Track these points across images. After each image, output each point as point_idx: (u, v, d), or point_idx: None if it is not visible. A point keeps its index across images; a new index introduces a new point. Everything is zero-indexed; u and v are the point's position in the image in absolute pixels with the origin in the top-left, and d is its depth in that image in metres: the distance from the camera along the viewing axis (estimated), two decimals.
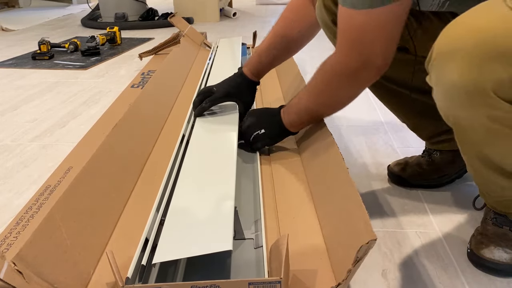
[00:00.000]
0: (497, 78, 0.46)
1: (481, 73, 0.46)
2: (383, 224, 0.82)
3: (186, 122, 1.06)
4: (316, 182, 0.78)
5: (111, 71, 1.96)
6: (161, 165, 0.88)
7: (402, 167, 0.96)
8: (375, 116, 1.33)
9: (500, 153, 0.59)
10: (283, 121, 0.87)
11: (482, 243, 0.71)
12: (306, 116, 0.85)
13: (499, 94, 0.47)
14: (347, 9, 0.66)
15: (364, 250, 0.48)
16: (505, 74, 0.45)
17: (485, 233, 0.72)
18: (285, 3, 4.00)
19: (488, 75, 0.46)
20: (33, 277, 0.51)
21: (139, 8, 3.29)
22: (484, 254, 0.70)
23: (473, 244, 0.72)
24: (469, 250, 0.72)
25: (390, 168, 0.98)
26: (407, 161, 0.97)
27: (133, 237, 0.67)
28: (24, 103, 1.56)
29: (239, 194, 0.81)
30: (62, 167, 0.93)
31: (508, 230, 0.71)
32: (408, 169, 0.95)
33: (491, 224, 0.72)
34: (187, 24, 1.94)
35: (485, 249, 0.70)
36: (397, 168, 0.97)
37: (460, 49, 0.48)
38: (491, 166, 0.62)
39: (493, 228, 0.72)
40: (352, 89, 0.77)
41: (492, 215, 0.72)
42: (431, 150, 0.95)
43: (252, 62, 0.99)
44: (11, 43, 2.68)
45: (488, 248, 0.70)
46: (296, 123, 0.87)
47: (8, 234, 0.70)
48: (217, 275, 0.61)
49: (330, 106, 0.84)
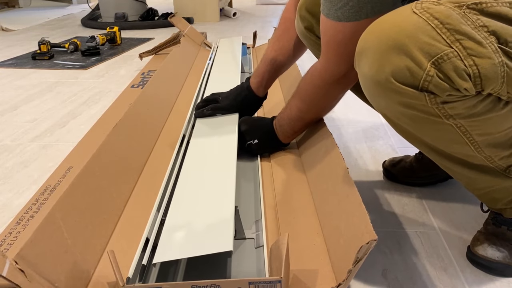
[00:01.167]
0: (395, 66, 0.53)
1: (382, 64, 0.54)
2: (383, 224, 0.82)
3: (187, 122, 1.06)
4: (316, 182, 0.78)
5: (111, 71, 1.96)
6: (162, 165, 0.88)
7: (394, 163, 0.99)
8: (375, 116, 1.33)
9: (433, 138, 0.63)
10: (277, 133, 0.91)
11: (478, 240, 0.73)
12: (298, 124, 0.88)
13: (399, 80, 0.54)
14: (332, 22, 0.68)
15: (365, 250, 0.48)
16: (401, 62, 0.53)
17: (484, 231, 0.74)
18: (285, 3, 3.95)
19: (387, 65, 0.54)
20: (34, 276, 0.51)
21: (139, 8, 3.29)
22: (477, 251, 0.71)
23: (471, 242, 0.74)
24: (467, 247, 0.74)
25: (385, 163, 1.00)
26: (402, 159, 0.99)
27: (133, 237, 0.67)
28: (24, 103, 1.56)
29: (239, 194, 0.81)
30: (62, 167, 0.93)
31: (506, 229, 0.72)
32: (398, 166, 0.97)
33: (491, 223, 0.73)
34: (187, 24, 1.94)
35: (479, 246, 0.72)
36: (389, 163, 0.99)
37: (368, 47, 0.56)
38: (443, 154, 0.66)
39: (492, 228, 0.73)
40: (342, 92, 0.82)
41: (493, 214, 0.73)
42: None
43: (259, 73, 0.99)
44: (11, 43, 2.68)
45: (482, 245, 0.71)
46: (289, 133, 0.90)
47: (8, 234, 0.70)
48: (217, 274, 0.61)
49: (322, 111, 0.89)
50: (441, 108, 0.56)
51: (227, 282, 0.52)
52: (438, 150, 0.65)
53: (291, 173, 0.85)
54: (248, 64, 1.70)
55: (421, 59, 0.52)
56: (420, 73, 0.53)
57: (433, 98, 0.54)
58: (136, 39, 2.68)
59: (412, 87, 0.54)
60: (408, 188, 0.94)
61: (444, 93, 0.54)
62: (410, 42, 0.52)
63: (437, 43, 0.51)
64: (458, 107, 0.56)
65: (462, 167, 0.66)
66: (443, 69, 0.52)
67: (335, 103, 0.86)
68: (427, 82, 0.53)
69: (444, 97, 0.54)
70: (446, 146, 0.63)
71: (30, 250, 0.54)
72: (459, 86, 0.52)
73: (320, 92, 0.81)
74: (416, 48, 0.52)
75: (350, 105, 1.44)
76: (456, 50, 0.51)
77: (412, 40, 0.52)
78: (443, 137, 0.62)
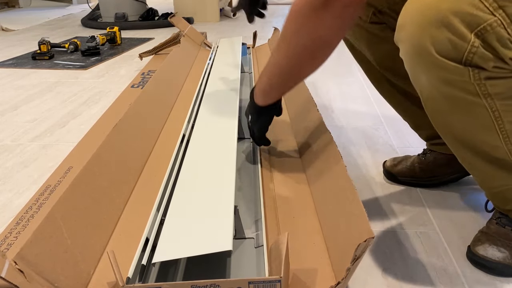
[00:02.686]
0: (437, 39, 0.53)
1: (423, 36, 0.54)
2: (383, 224, 0.82)
3: (187, 122, 1.06)
4: (316, 182, 0.78)
5: (111, 71, 1.96)
6: (162, 164, 0.88)
7: (395, 163, 0.98)
8: (375, 116, 1.33)
9: (463, 124, 0.62)
10: (254, 97, 0.79)
11: (480, 240, 0.72)
12: (277, 76, 0.73)
13: (442, 54, 0.54)
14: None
15: (362, 248, 0.48)
16: (442, 35, 0.53)
17: (486, 231, 0.73)
18: (285, 3, 4.01)
19: (428, 38, 0.54)
20: (34, 276, 0.51)
21: (139, 8, 3.29)
22: (478, 251, 0.71)
23: (472, 241, 0.74)
24: (468, 247, 0.74)
25: (385, 163, 1.00)
26: (404, 159, 0.98)
27: (133, 237, 0.67)
28: (24, 103, 1.56)
29: (240, 194, 0.81)
30: (62, 167, 0.93)
31: (510, 230, 0.71)
32: (399, 166, 0.96)
33: (494, 223, 0.73)
34: (187, 24, 1.94)
35: (480, 246, 0.71)
36: (390, 163, 0.98)
37: (410, 21, 0.56)
38: (467, 144, 0.65)
39: (496, 228, 0.72)
40: (322, 28, 0.63)
41: (498, 215, 0.73)
42: (427, 150, 0.96)
43: None
44: (11, 43, 2.68)
45: (483, 245, 0.71)
46: (267, 90, 0.76)
47: (8, 234, 0.70)
48: (217, 274, 0.61)
49: (302, 55, 0.68)
50: (482, 85, 0.56)
51: (226, 282, 0.52)
52: (463, 139, 0.64)
53: (291, 173, 0.85)
54: (248, 64, 1.70)
55: (464, 31, 0.52)
56: (464, 46, 0.52)
57: (477, 73, 0.54)
58: (136, 39, 2.69)
59: (456, 61, 0.54)
60: (408, 188, 0.94)
61: (490, 64, 0.53)
62: (451, 13, 0.52)
63: (480, 12, 0.51)
64: (500, 85, 0.56)
65: (483, 160, 0.65)
66: (487, 40, 0.52)
67: (315, 47, 0.66)
68: (471, 54, 0.53)
69: (489, 70, 0.54)
70: (474, 133, 0.63)
71: (30, 250, 0.54)
72: (504, 55, 0.52)
73: (296, 27, 0.64)
74: (458, 19, 0.51)
75: (350, 105, 1.44)
76: (499, 18, 0.51)
77: (454, 11, 0.51)
78: (473, 123, 0.61)
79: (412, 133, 0.98)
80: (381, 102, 1.44)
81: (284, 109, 1.13)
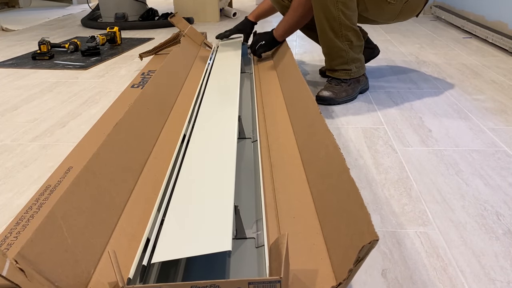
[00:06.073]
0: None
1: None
2: (383, 224, 0.82)
3: (187, 122, 1.06)
4: (316, 182, 0.78)
5: (111, 71, 1.96)
6: (162, 164, 0.88)
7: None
8: (375, 116, 1.33)
9: None
10: (275, 33, 1.60)
11: (322, 89, 1.46)
12: (293, 24, 1.54)
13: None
14: None
15: (366, 250, 0.48)
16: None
17: (326, 85, 1.47)
18: None
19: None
20: (34, 275, 0.51)
21: (139, 8, 3.29)
22: (320, 94, 1.44)
23: (318, 91, 1.46)
24: (316, 94, 1.43)
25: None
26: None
27: (134, 237, 0.67)
28: (24, 103, 1.56)
29: (240, 194, 0.81)
30: (62, 167, 0.93)
31: (334, 84, 1.45)
32: None
33: (328, 82, 1.49)
34: (187, 24, 1.94)
35: (322, 92, 1.44)
36: None
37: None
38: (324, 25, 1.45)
39: (328, 84, 1.48)
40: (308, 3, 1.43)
41: (329, 78, 1.50)
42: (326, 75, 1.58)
43: (254, 12, 1.78)
44: (11, 43, 2.68)
45: (322, 91, 1.45)
46: (286, 30, 1.57)
47: (8, 234, 0.70)
48: (218, 274, 0.61)
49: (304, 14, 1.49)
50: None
51: (226, 282, 0.52)
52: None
53: (291, 172, 0.85)
54: (248, 64, 1.70)
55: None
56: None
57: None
58: (136, 39, 2.69)
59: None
60: (408, 188, 0.94)
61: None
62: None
63: None
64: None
65: (331, 33, 1.40)
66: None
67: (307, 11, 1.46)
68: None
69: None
70: None
71: (31, 249, 0.54)
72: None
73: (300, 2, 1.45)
74: None
75: (350, 105, 1.44)
76: None
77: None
78: None
79: (412, 133, 0.98)
80: (381, 102, 1.44)
81: (285, 109, 1.14)
